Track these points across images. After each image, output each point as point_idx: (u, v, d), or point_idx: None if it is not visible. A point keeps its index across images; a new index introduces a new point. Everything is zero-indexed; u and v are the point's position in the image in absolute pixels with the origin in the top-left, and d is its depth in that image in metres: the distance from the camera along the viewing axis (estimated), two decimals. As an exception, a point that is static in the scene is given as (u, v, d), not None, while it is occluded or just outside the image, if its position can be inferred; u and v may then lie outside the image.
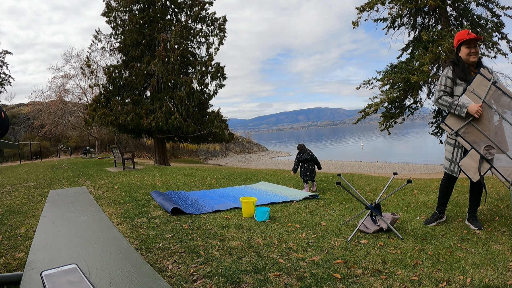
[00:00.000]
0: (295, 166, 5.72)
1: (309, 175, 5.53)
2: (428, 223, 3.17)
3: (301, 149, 5.76)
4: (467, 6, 12.26)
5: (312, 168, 5.57)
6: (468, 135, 2.82)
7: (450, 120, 2.94)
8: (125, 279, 0.99)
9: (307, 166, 5.56)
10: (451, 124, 2.92)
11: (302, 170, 5.60)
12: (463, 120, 2.84)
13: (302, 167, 5.61)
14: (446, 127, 2.95)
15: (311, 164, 5.59)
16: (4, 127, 1.68)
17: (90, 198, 2.35)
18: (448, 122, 2.95)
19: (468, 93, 2.85)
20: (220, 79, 15.99)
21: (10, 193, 6.11)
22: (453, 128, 2.89)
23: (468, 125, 2.82)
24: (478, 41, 2.92)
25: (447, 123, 2.95)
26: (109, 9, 15.42)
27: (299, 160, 5.66)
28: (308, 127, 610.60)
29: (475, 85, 2.86)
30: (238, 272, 2.17)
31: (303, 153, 5.65)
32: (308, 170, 5.54)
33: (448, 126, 2.93)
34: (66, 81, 28.69)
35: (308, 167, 5.55)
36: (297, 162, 5.70)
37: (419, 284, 1.95)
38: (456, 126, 2.88)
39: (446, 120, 2.96)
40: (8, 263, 2.43)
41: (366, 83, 13.35)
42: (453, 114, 2.91)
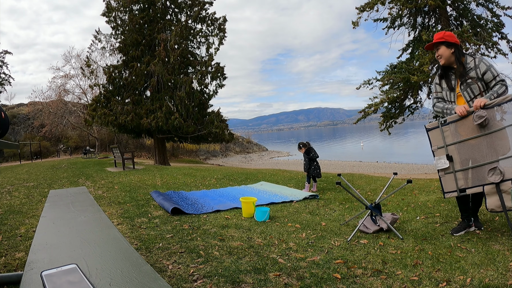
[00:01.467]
0: (308, 166, 5.61)
1: (318, 172, 5.56)
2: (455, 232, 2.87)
3: (309, 147, 5.71)
4: (467, 6, 12.26)
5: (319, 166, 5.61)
6: (472, 180, 2.63)
7: (446, 186, 2.79)
8: (125, 279, 0.99)
9: (316, 164, 5.58)
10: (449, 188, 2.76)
11: (313, 168, 5.57)
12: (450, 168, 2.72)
13: (313, 165, 5.59)
14: (450, 193, 2.77)
15: (317, 162, 5.62)
16: (4, 127, 1.68)
17: (90, 198, 2.35)
18: (447, 189, 2.79)
19: (436, 153, 2.80)
20: (220, 79, 16.00)
21: (10, 193, 6.11)
22: (454, 190, 2.73)
23: (462, 173, 2.67)
24: (439, 44, 2.80)
25: (447, 191, 2.79)
26: (109, 9, 15.42)
27: (311, 159, 5.61)
28: (308, 127, 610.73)
29: (433, 141, 2.82)
30: (238, 272, 2.17)
31: (313, 152, 5.64)
32: (318, 168, 5.57)
33: (450, 192, 2.77)
34: (66, 81, 28.74)
35: (317, 165, 5.59)
36: (310, 162, 5.62)
37: (419, 284, 1.95)
38: (453, 186, 2.73)
39: (445, 190, 2.81)
40: (8, 263, 2.43)
41: (366, 83, 13.36)
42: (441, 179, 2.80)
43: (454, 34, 2.87)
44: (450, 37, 2.78)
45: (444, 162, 2.75)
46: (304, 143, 5.80)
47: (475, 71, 2.69)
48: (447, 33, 2.82)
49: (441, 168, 2.79)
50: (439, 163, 2.79)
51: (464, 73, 2.74)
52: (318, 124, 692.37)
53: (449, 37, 2.78)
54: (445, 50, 2.79)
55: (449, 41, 2.77)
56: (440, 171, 2.81)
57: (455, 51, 2.77)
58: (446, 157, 2.74)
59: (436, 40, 2.82)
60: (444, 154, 2.75)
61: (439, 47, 2.82)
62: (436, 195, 4.59)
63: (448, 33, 2.81)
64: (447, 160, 2.74)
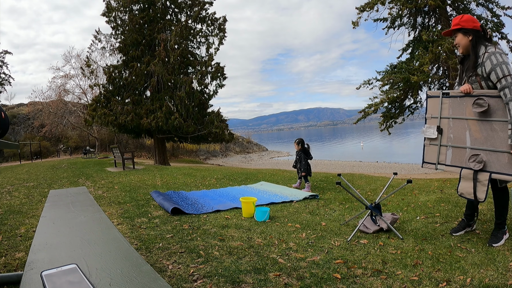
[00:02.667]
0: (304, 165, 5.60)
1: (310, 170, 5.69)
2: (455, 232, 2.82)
3: (307, 147, 5.76)
4: (467, 6, 12.27)
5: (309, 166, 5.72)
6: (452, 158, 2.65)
7: (427, 156, 2.80)
8: (125, 279, 0.99)
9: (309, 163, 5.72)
10: (430, 159, 2.78)
11: (308, 167, 5.66)
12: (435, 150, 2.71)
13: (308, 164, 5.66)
14: (428, 165, 2.79)
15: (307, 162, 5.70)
16: (4, 127, 1.68)
17: (90, 198, 2.35)
18: (427, 159, 2.80)
19: (429, 121, 2.78)
20: (220, 79, 16.00)
21: (10, 193, 6.11)
22: (433, 162, 2.74)
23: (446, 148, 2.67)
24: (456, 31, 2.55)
25: (426, 161, 2.81)
26: (109, 9, 15.42)
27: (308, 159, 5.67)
28: (308, 127, 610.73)
29: (430, 109, 2.77)
30: (238, 272, 2.17)
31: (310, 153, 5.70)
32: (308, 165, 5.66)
33: (429, 163, 2.79)
34: (66, 81, 28.74)
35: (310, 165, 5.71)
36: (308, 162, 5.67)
37: (419, 284, 1.95)
38: (433, 158, 2.75)
39: (424, 159, 2.82)
40: (8, 263, 2.43)
41: (366, 83, 13.38)
42: (425, 148, 2.78)
43: (474, 18, 2.57)
44: (467, 23, 2.49)
45: (433, 133, 2.73)
46: (303, 141, 5.86)
47: (480, 68, 2.44)
48: (465, 17, 2.53)
49: (428, 137, 2.77)
50: (428, 132, 2.76)
51: (473, 67, 2.50)
52: (318, 124, 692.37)
53: (466, 23, 2.49)
54: (462, 38, 2.53)
55: (466, 27, 2.48)
56: (426, 140, 2.80)
57: (472, 38, 2.49)
58: (437, 128, 2.71)
59: (452, 27, 2.56)
60: (436, 125, 2.72)
61: (456, 34, 2.56)
62: (436, 195, 4.59)
63: (466, 17, 2.52)
64: (436, 131, 2.71)
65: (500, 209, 2.61)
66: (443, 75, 12.66)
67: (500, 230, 2.59)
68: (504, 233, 2.59)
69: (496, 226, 2.62)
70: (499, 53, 2.36)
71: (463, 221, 2.89)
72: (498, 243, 2.51)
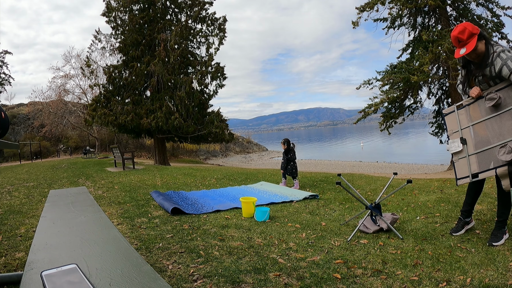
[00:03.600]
0: (285, 165, 6.03)
1: (294, 172, 5.96)
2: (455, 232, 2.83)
3: (290, 148, 6.07)
4: (467, 6, 12.26)
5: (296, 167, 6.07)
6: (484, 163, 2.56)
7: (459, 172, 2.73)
8: (125, 279, 0.99)
9: (293, 165, 6.01)
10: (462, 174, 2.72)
11: (289, 168, 6.00)
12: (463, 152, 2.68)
13: (289, 165, 6.01)
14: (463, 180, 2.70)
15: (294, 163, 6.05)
16: (4, 127, 1.68)
17: (90, 198, 2.35)
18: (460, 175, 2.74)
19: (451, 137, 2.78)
20: (220, 79, 16.00)
21: (10, 193, 6.11)
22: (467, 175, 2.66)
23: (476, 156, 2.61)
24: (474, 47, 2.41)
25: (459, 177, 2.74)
26: (109, 9, 15.42)
27: (289, 159, 6.01)
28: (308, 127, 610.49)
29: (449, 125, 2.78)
30: (238, 272, 2.17)
31: (291, 154, 6.03)
32: (294, 168, 6.00)
33: (463, 178, 2.72)
34: (66, 81, 28.76)
35: (294, 166, 6.02)
36: (287, 162, 6.03)
37: (419, 284, 1.95)
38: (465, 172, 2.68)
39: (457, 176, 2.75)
40: (8, 263, 2.43)
41: (366, 83, 13.37)
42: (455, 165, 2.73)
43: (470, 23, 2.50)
44: (475, 28, 2.38)
45: (458, 145, 2.68)
46: (289, 142, 6.16)
47: (489, 68, 2.41)
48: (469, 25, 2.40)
49: (454, 152, 2.72)
50: (452, 146, 2.72)
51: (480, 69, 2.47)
52: (318, 124, 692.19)
53: (475, 29, 2.38)
54: (482, 45, 2.41)
55: (478, 33, 2.39)
56: (454, 156, 2.75)
57: (486, 42, 2.42)
58: (460, 140, 2.67)
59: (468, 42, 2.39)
60: (458, 138, 2.69)
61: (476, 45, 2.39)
62: (436, 195, 4.59)
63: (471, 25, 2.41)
64: (460, 143, 2.66)
65: (502, 207, 2.61)
66: (443, 75, 12.65)
67: (500, 230, 2.59)
68: (504, 233, 2.59)
69: (497, 225, 2.62)
70: (507, 49, 2.38)
71: (460, 219, 2.90)
72: (498, 242, 2.52)
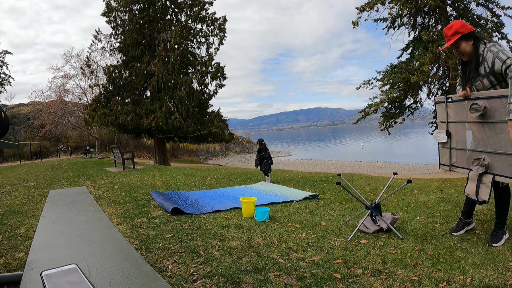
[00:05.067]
0: (258, 162, 6.63)
1: (269, 168, 6.61)
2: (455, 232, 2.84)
3: (263, 147, 6.67)
4: (467, 6, 12.27)
5: (270, 163, 6.65)
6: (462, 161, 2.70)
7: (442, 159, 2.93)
8: (125, 279, 0.99)
9: (266, 162, 6.58)
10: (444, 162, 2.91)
11: (263, 165, 6.57)
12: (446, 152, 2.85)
13: (263, 162, 6.59)
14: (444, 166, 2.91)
15: (269, 160, 6.64)
16: (4, 127, 1.68)
17: (90, 198, 2.35)
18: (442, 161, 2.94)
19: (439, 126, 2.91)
20: (220, 79, 16.00)
21: (10, 193, 6.11)
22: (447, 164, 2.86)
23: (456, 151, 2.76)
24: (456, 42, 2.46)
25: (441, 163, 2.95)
26: (109, 9, 15.42)
27: (262, 157, 6.58)
28: (308, 127, 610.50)
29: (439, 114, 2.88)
30: (238, 272, 2.17)
31: (263, 152, 6.61)
32: (268, 165, 6.58)
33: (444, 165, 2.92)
34: (66, 81, 28.74)
35: (267, 163, 6.59)
36: (260, 159, 6.58)
37: (419, 284, 1.95)
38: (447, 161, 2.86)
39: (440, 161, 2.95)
40: (8, 263, 2.43)
41: (366, 83, 13.38)
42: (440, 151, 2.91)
43: (464, 22, 2.51)
44: (464, 28, 2.41)
45: (443, 137, 2.83)
46: (262, 141, 6.81)
47: (483, 65, 2.39)
48: (458, 24, 2.45)
49: (440, 142, 2.89)
50: (439, 136, 2.87)
51: (475, 68, 2.45)
52: (318, 124, 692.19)
53: (463, 28, 2.41)
54: (466, 44, 2.43)
55: (466, 33, 2.41)
56: (439, 144, 2.92)
57: (474, 42, 2.43)
58: (446, 133, 2.81)
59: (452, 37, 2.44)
60: (444, 130, 2.82)
61: (458, 44, 2.45)
62: (436, 195, 4.59)
63: (459, 24, 2.44)
64: (445, 136, 2.81)
65: (501, 208, 2.61)
66: (443, 75, 12.65)
67: (500, 230, 2.59)
68: (504, 233, 2.59)
69: (496, 226, 2.62)
70: (497, 43, 2.39)
71: (460, 220, 2.90)
72: (498, 243, 2.52)
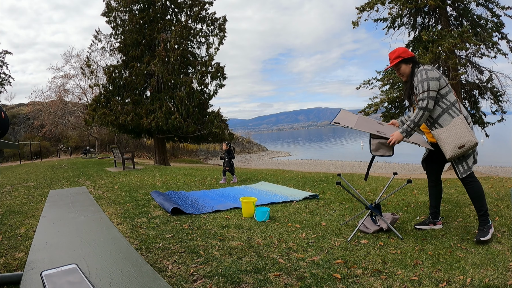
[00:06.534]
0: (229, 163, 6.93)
1: (233, 168, 6.97)
2: (417, 225, 3.10)
3: (232, 149, 7.06)
4: (467, 6, 12.26)
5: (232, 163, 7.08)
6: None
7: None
8: (125, 279, 0.99)
9: (232, 163, 6.94)
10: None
11: (230, 164, 6.88)
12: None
13: (231, 163, 6.91)
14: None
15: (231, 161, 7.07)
16: (4, 127, 1.68)
17: (90, 198, 2.35)
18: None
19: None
20: (220, 79, 16.00)
21: (10, 193, 6.11)
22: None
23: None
24: (398, 63, 2.83)
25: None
26: (109, 9, 15.42)
27: (231, 158, 6.93)
28: (308, 127, 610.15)
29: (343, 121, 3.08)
30: (238, 272, 2.17)
31: (233, 153, 7.01)
32: (233, 165, 6.96)
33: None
34: (66, 81, 28.74)
35: (233, 163, 6.98)
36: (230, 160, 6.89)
37: (419, 284, 1.95)
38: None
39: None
40: (8, 263, 2.43)
41: (366, 83, 13.38)
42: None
43: (406, 49, 2.91)
44: (405, 53, 2.81)
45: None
46: (230, 143, 7.18)
47: (416, 86, 2.73)
48: (401, 49, 2.85)
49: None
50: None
51: (409, 88, 2.82)
52: (318, 124, 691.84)
53: (405, 53, 2.81)
54: (405, 67, 2.83)
55: (406, 57, 2.81)
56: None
57: (412, 65, 2.81)
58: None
59: (394, 60, 2.83)
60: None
61: (398, 66, 2.85)
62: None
63: (402, 49, 2.85)
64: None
65: (474, 202, 2.71)
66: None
67: (486, 225, 2.67)
68: (490, 227, 2.67)
69: (480, 221, 2.70)
70: (425, 70, 2.66)
71: (428, 217, 3.08)
72: (485, 237, 2.58)
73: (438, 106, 2.67)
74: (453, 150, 2.59)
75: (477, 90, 12.65)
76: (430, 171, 3.08)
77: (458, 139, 2.57)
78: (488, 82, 12.29)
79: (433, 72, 2.64)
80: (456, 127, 2.59)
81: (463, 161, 2.65)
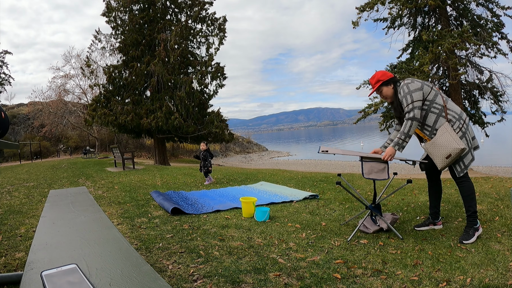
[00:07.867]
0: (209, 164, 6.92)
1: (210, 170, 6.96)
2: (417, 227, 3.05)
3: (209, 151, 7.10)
4: (467, 6, 12.26)
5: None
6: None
7: None
8: (125, 279, 0.99)
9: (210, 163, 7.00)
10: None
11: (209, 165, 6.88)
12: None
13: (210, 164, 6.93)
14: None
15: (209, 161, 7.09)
16: (4, 127, 1.68)
17: (90, 198, 2.35)
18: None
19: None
20: (220, 79, 16.00)
21: (10, 193, 6.11)
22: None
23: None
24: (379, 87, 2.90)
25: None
26: (109, 9, 15.42)
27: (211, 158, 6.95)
28: (308, 127, 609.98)
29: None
30: (238, 272, 2.17)
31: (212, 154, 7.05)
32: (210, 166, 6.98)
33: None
34: (66, 81, 28.75)
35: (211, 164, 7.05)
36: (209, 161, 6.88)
37: (419, 284, 1.95)
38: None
39: None
40: (8, 263, 2.43)
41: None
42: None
43: (385, 70, 3.02)
44: (384, 76, 2.89)
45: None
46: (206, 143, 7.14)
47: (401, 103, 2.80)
48: (379, 73, 2.92)
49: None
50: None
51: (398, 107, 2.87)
52: (318, 124, 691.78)
53: (384, 76, 2.89)
54: (387, 89, 2.90)
55: (385, 80, 2.87)
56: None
57: (394, 86, 2.88)
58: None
59: (375, 85, 2.90)
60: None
61: (380, 89, 2.92)
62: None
63: (381, 73, 2.91)
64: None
65: (466, 199, 2.71)
66: (443, 75, 12.65)
67: (472, 227, 2.67)
68: (476, 230, 2.66)
69: (468, 222, 2.70)
70: (405, 84, 2.75)
71: (428, 218, 3.07)
72: (469, 240, 2.58)
73: (431, 113, 2.72)
74: (442, 161, 2.66)
75: (477, 90, 12.65)
76: (429, 171, 3.08)
77: (444, 149, 2.62)
78: (488, 82, 12.29)
79: (413, 83, 2.71)
80: (442, 136, 2.64)
81: (459, 160, 2.67)
